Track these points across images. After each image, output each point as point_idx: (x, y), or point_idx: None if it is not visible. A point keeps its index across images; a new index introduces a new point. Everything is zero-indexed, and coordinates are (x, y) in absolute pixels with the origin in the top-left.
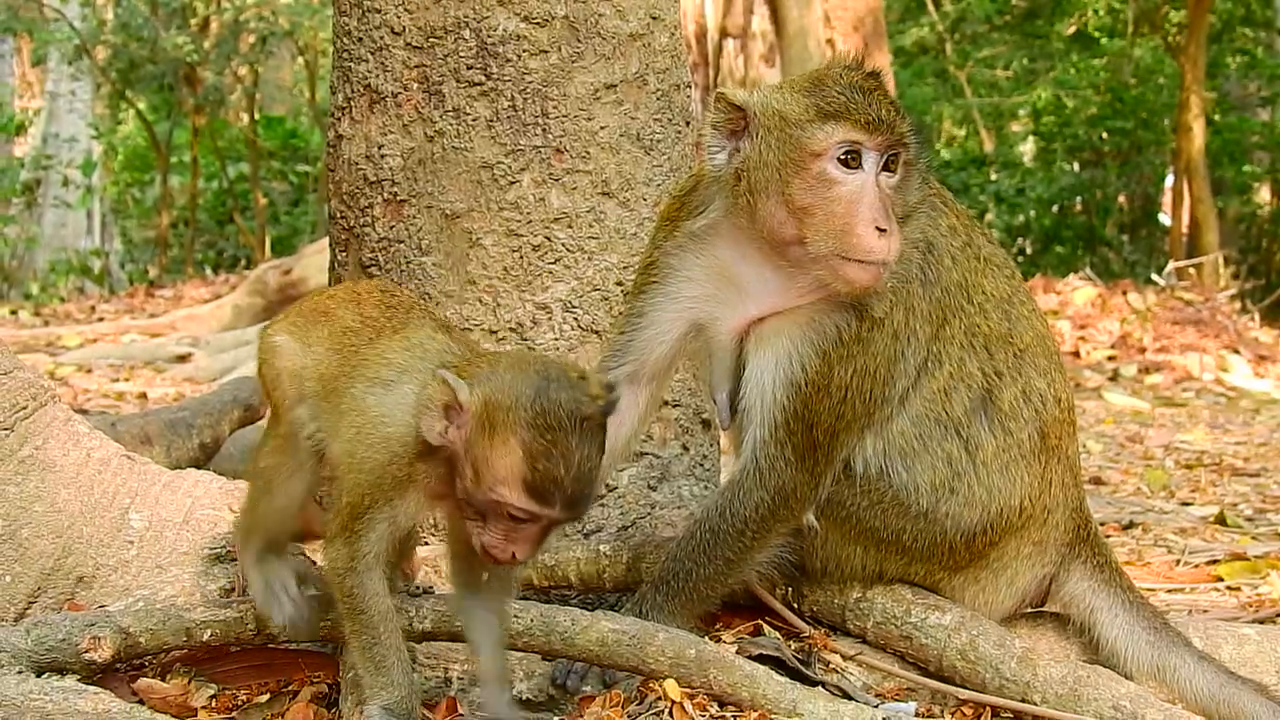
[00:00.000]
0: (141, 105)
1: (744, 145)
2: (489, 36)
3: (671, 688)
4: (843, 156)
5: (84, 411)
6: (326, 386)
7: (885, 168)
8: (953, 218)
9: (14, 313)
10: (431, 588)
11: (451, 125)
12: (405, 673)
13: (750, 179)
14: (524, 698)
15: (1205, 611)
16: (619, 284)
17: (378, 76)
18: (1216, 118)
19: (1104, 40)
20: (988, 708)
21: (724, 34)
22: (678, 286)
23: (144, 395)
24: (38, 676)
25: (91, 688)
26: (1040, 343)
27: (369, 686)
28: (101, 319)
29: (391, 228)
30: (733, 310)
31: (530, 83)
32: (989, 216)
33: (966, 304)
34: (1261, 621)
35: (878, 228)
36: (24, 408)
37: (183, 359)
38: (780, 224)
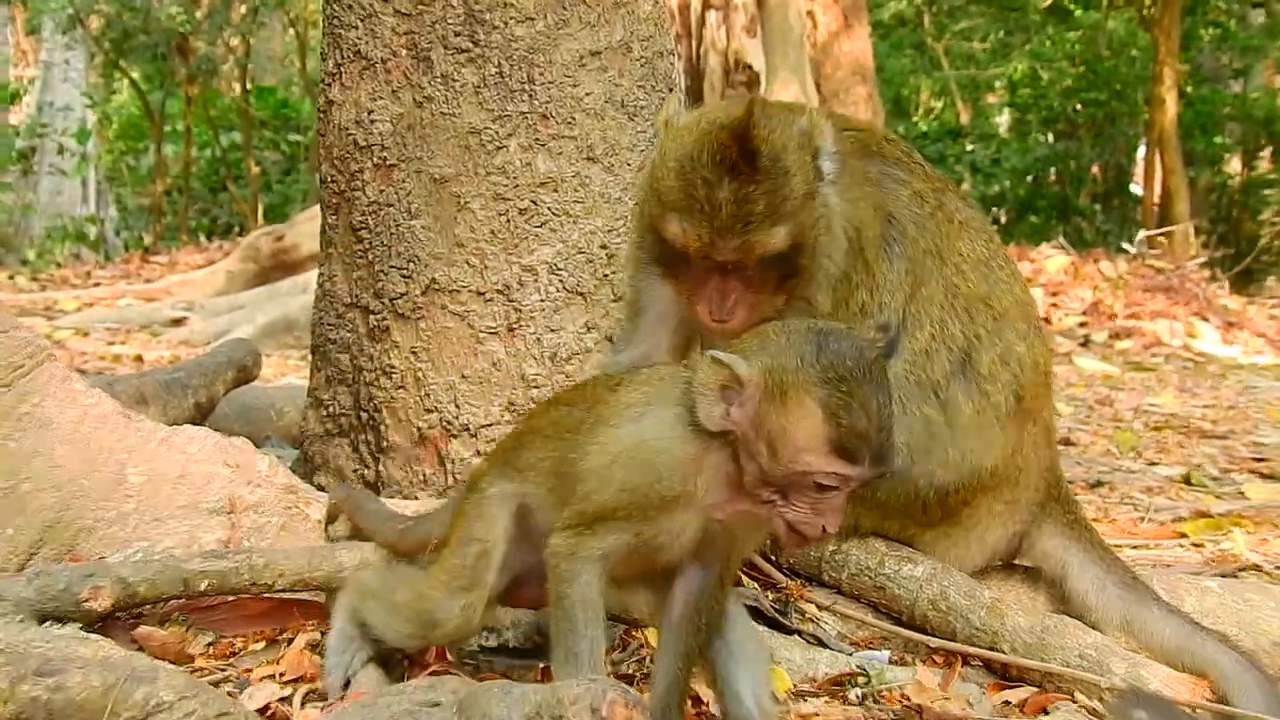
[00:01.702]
0: (135, 74)
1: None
2: (476, 4)
3: (652, 635)
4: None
5: (82, 372)
6: (559, 478)
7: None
8: (919, 183)
9: (11, 278)
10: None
11: (440, 91)
12: (596, 668)
13: None
14: (510, 645)
15: (1170, 566)
16: (603, 247)
17: (367, 43)
18: (1189, 90)
19: (1079, 13)
20: (958, 655)
21: (706, 5)
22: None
23: (140, 358)
24: (40, 625)
25: (92, 635)
26: (1019, 307)
27: (559, 675)
28: (98, 284)
29: (381, 191)
30: None
31: (517, 49)
32: (965, 186)
33: (942, 266)
34: (1224, 576)
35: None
36: (21, 366)
37: (178, 323)
38: None
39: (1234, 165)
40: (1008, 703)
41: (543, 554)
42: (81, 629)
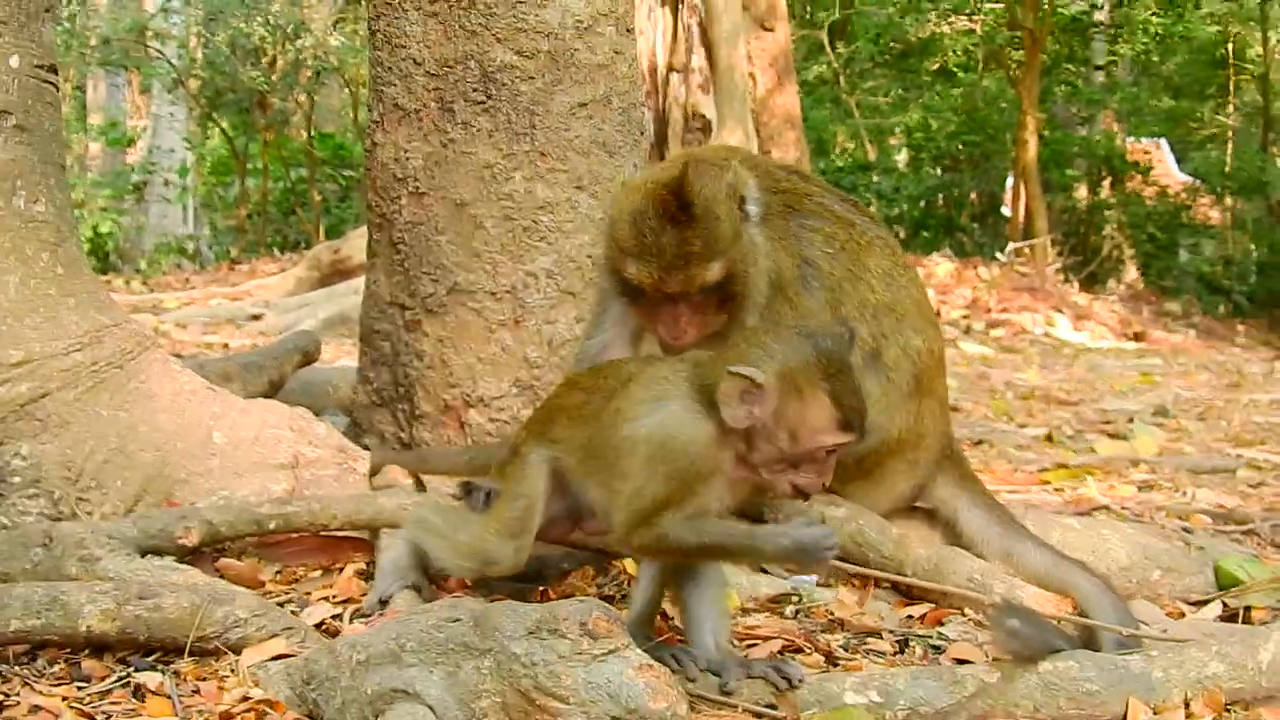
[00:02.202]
0: (224, 124)
1: None
2: (489, 66)
3: (629, 564)
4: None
5: (179, 356)
6: (586, 453)
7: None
8: (830, 228)
9: (127, 283)
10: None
11: (461, 134)
12: (747, 532)
13: None
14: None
15: (1037, 507)
16: (589, 257)
17: (404, 97)
18: (1046, 133)
19: (960, 74)
20: (871, 579)
21: (670, 69)
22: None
23: (226, 345)
24: (142, 558)
25: (183, 566)
26: (917, 307)
27: (761, 546)
28: (194, 288)
29: (415, 214)
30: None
31: (521, 101)
32: (872, 208)
33: (855, 286)
34: (1080, 514)
35: (675, 338)
36: (132, 351)
37: (256, 318)
38: None
39: (1082, 192)
40: (911, 617)
41: (628, 553)
42: (175, 561)
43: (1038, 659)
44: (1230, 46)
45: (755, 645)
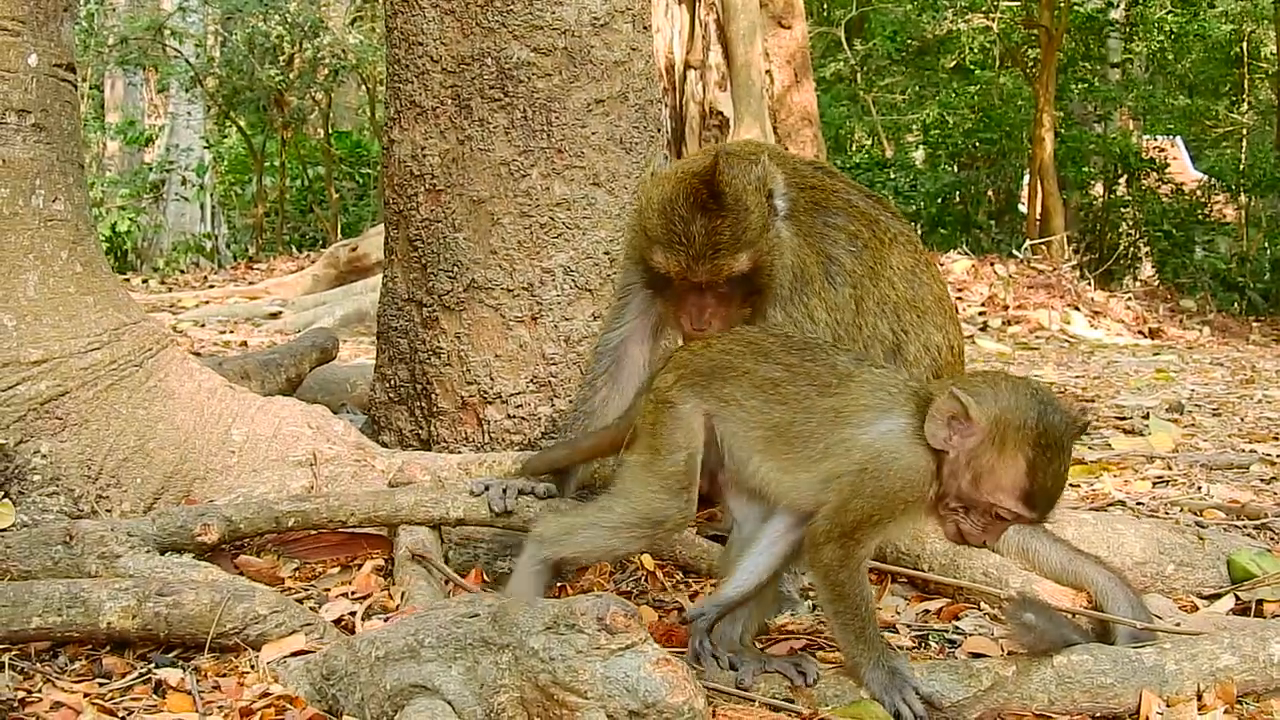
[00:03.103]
0: (242, 122)
1: None
2: (506, 63)
3: (647, 560)
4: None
5: (197, 354)
6: (784, 435)
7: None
8: (854, 226)
9: (145, 281)
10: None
11: (478, 132)
12: (883, 639)
13: None
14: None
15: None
16: (606, 253)
17: (421, 95)
18: (1062, 131)
19: (977, 71)
20: (888, 574)
21: (688, 66)
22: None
23: (245, 343)
24: (161, 555)
25: (203, 563)
26: (938, 304)
27: (858, 656)
28: (212, 286)
29: (432, 211)
30: None
31: (538, 99)
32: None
33: (877, 284)
34: (1096, 510)
35: (696, 329)
36: (150, 349)
37: (274, 316)
38: None
39: (1098, 189)
40: (927, 611)
41: (807, 559)
42: (194, 558)
43: (1052, 652)
44: (1245, 45)
45: (776, 642)
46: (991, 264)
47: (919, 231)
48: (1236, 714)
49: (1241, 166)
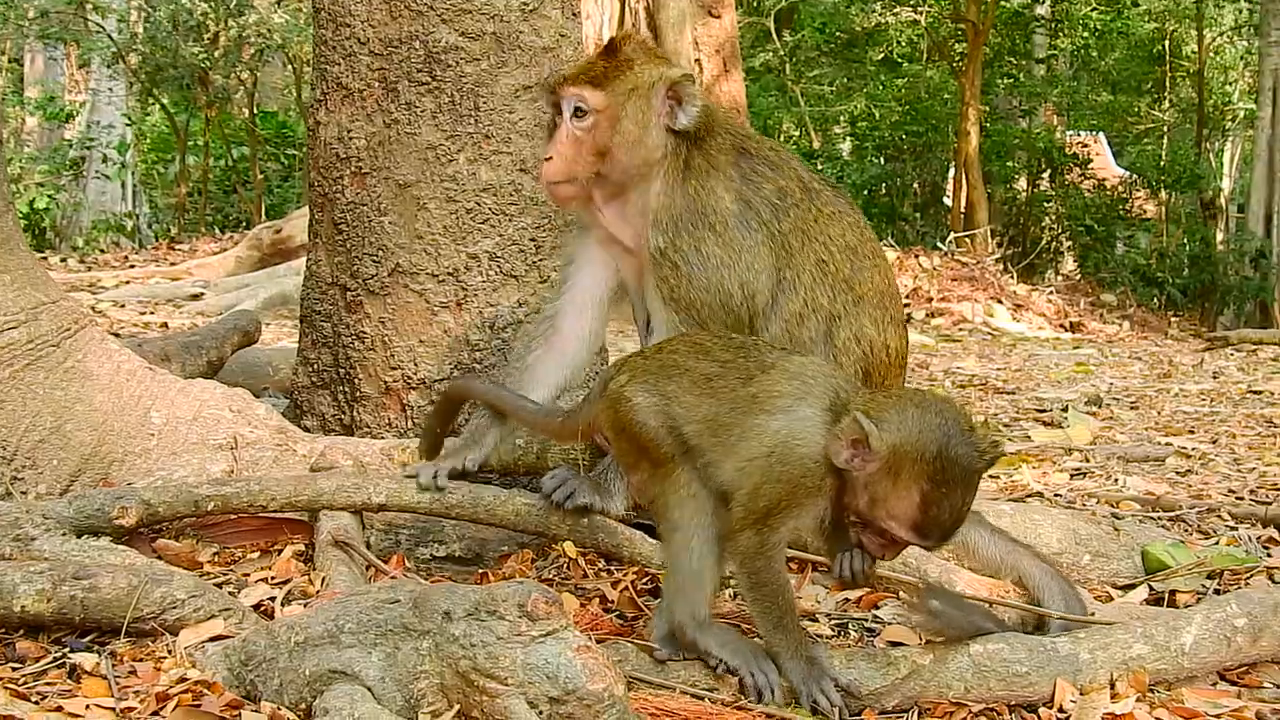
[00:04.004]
0: (165, 100)
1: None
2: (434, 47)
3: (570, 548)
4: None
5: (117, 335)
6: (712, 426)
7: (575, 114)
8: (784, 181)
9: (64, 260)
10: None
11: (404, 115)
12: (801, 629)
13: None
14: (456, 555)
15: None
16: (532, 240)
17: (348, 76)
18: (987, 125)
19: (904, 65)
20: (809, 563)
21: None
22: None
23: (165, 325)
24: (78, 538)
25: (120, 546)
26: (879, 295)
27: (778, 645)
28: (133, 266)
29: (357, 194)
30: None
31: (466, 83)
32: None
33: (809, 246)
34: (1015, 500)
35: (545, 157)
36: (68, 329)
37: (196, 297)
38: None
39: (1021, 184)
40: (847, 600)
41: (727, 547)
42: (112, 541)
43: (961, 639)
44: (1167, 43)
45: None
46: (916, 256)
47: None
48: (1148, 702)
49: (1162, 163)
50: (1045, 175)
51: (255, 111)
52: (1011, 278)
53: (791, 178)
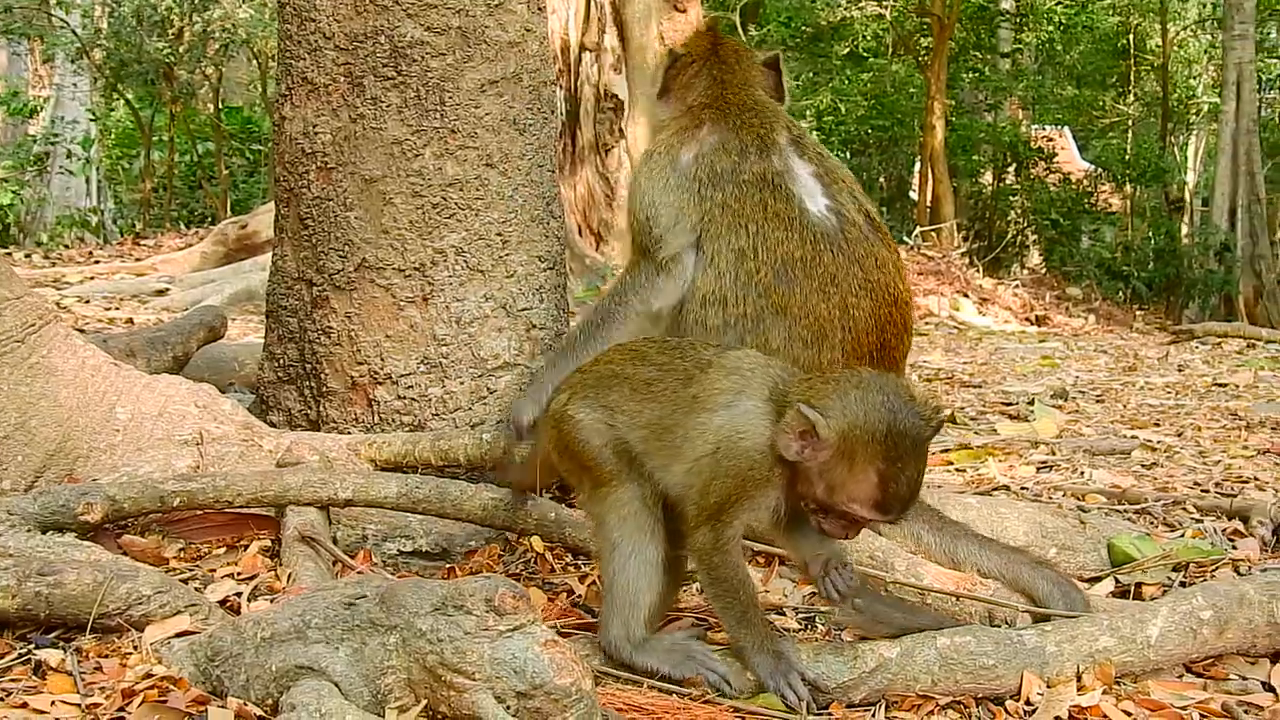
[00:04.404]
0: (130, 95)
1: None
2: (400, 41)
3: (537, 542)
4: None
5: (82, 331)
6: (656, 430)
7: None
8: (755, 166)
9: (28, 256)
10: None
11: (370, 110)
12: (767, 623)
13: None
14: (423, 550)
15: (940, 486)
16: (499, 234)
17: (313, 71)
18: (953, 119)
19: (870, 59)
20: (775, 558)
21: (583, 48)
22: None
23: (130, 320)
24: (43, 534)
25: (85, 542)
26: (814, 321)
27: (743, 639)
28: (97, 262)
29: (323, 189)
30: None
31: (431, 78)
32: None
33: (733, 225)
34: (981, 494)
35: None
36: (32, 325)
37: (161, 293)
38: None
39: (987, 178)
40: (814, 593)
41: (686, 545)
42: (77, 537)
43: (892, 636)
44: (1131, 37)
45: (670, 620)
46: None
47: None
48: (1114, 695)
49: (1127, 157)
50: (1011, 169)
51: (220, 107)
52: (977, 272)
53: (764, 171)
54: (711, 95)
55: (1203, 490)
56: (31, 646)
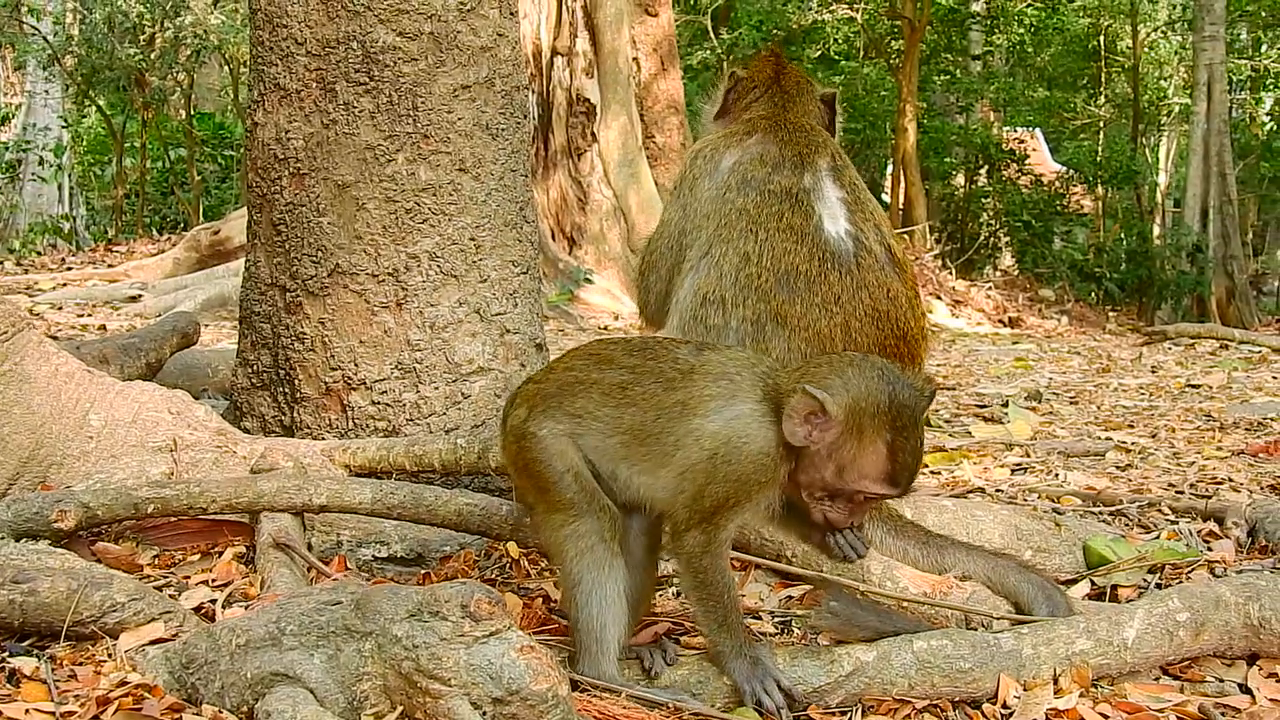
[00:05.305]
0: (101, 102)
1: None
2: (372, 47)
3: (512, 548)
4: None
5: (55, 338)
6: (639, 436)
7: None
8: (780, 179)
9: (0, 263)
10: None
11: (342, 115)
12: (746, 628)
13: None
14: (399, 556)
15: (915, 490)
16: (472, 239)
17: (285, 77)
18: (925, 121)
19: (841, 62)
20: (752, 562)
21: (555, 52)
22: None
23: (103, 327)
24: (16, 541)
25: (59, 549)
26: (812, 335)
27: (722, 644)
28: (70, 268)
29: (296, 195)
30: None
31: (404, 83)
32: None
33: (745, 230)
34: (956, 496)
35: None
36: (4, 332)
37: (134, 299)
38: None
39: (959, 180)
40: (790, 597)
41: (671, 548)
42: (51, 544)
43: (865, 640)
44: (1102, 39)
45: (645, 626)
46: None
47: None
48: (1091, 698)
49: (1098, 158)
50: (983, 171)
51: (192, 113)
52: (950, 274)
53: (791, 186)
54: (770, 114)
55: (1177, 492)
56: (5, 654)
